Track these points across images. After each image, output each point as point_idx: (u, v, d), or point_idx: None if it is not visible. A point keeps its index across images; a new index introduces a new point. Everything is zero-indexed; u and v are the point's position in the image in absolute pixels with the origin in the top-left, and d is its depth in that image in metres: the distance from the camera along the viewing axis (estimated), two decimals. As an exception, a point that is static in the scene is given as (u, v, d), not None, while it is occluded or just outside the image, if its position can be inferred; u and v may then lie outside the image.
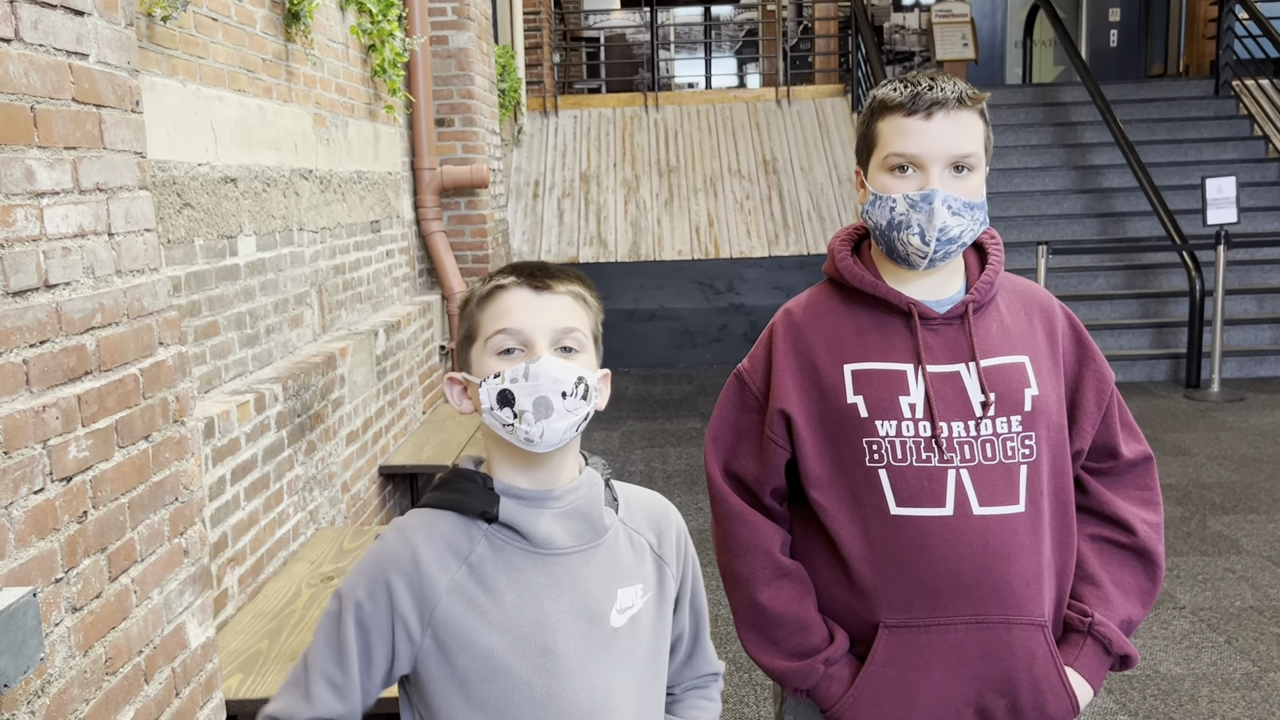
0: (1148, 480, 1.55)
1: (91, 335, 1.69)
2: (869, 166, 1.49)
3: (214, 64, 3.01)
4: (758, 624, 1.52)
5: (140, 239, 1.87)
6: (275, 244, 3.44)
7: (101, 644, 1.67)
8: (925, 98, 1.40)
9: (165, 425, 1.91)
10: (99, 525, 1.68)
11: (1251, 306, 7.64)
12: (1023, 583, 1.41)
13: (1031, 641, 1.42)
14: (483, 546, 1.20)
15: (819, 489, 1.49)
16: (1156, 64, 13.63)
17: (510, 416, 1.16)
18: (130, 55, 1.85)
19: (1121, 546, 1.52)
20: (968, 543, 1.40)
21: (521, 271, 1.22)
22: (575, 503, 1.23)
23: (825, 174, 8.83)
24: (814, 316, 1.54)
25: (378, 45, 4.56)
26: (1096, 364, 1.53)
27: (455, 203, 5.75)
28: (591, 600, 1.21)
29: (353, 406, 3.86)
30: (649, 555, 1.30)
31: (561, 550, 1.21)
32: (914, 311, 1.46)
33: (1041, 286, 1.59)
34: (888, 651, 1.44)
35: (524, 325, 1.18)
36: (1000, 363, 1.46)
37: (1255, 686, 3.16)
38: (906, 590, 1.43)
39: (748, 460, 1.55)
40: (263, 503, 2.96)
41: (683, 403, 7.13)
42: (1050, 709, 1.43)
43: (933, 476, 1.42)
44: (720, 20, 14.13)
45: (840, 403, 1.46)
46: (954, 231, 1.42)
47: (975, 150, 1.43)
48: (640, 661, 1.25)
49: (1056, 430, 1.47)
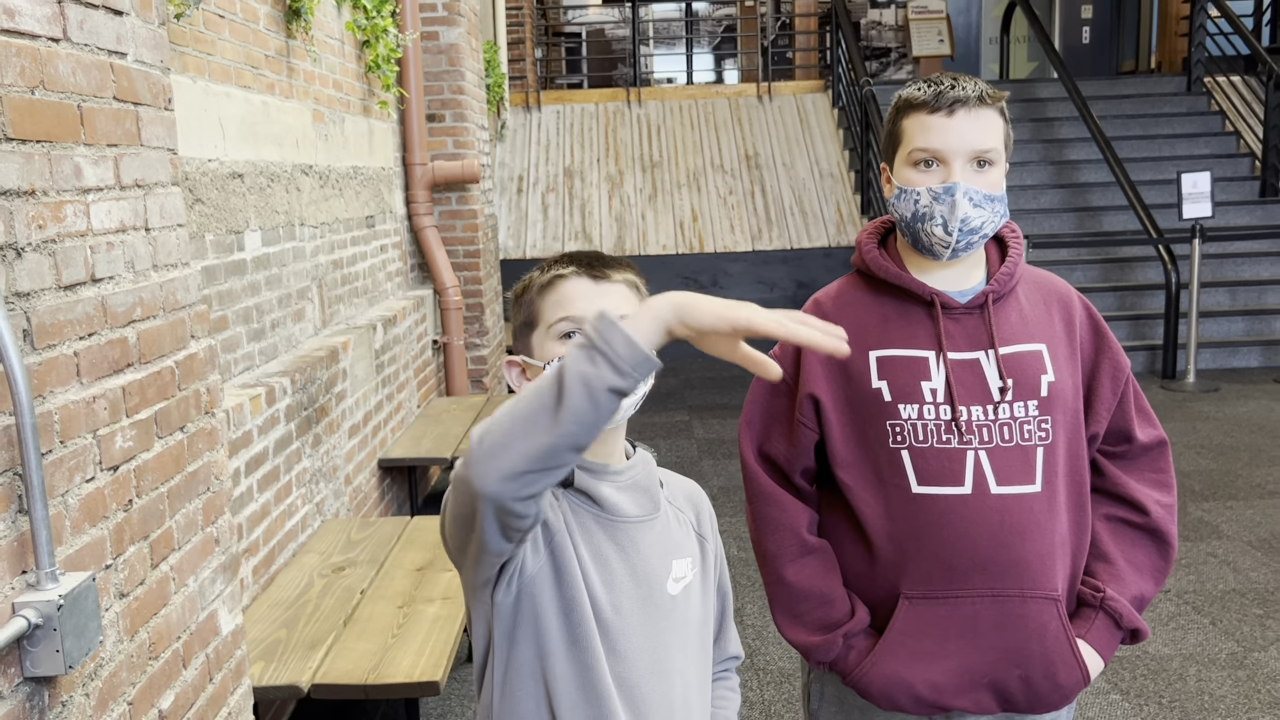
0: (1161, 464, 1.63)
1: (132, 328, 1.73)
2: (894, 162, 1.56)
3: (221, 61, 3.04)
4: (783, 599, 1.60)
5: (173, 234, 1.91)
6: (279, 239, 3.47)
7: (145, 629, 1.71)
8: (948, 96, 1.48)
9: (198, 416, 1.95)
10: (142, 514, 1.72)
11: (1225, 299, 7.81)
12: (1037, 558, 1.49)
13: (1045, 614, 1.49)
14: (565, 507, 1.28)
15: (845, 469, 1.56)
16: (1128, 60, 13.83)
17: None
18: (163, 54, 1.88)
19: (1135, 526, 1.59)
20: (985, 520, 1.48)
21: (580, 261, 1.29)
22: (635, 477, 1.31)
23: (807, 169, 8.92)
24: (842, 305, 1.62)
25: (372, 41, 4.59)
26: (1112, 352, 1.60)
27: (446, 198, 5.78)
28: (651, 568, 1.29)
29: (354, 400, 3.90)
30: (692, 532, 1.38)
31: (628, 518, 1.29)
32: (936, 301, 1.54)
33: (1060, 278, 1.67)
34: (907, 621, 1.51)
35: (584, 312, 1.25)
36: (1018, 350, 1.53)
37: (1240, 665, 3.26)
38: (926, 564, 1.50)
39: (779, 442, 1.62)
40: (274, 495, 3.00)
41: (669, 396, 7.20)
42: (1062, 679, 1.50)
43: (953, 457, 1.49)
44: (699, 16, 14.19)
45: (865, 387, 1.54)
46: (975, 222, 1.49)
47: (995, 145, 1.50)
48: (692, 631, 1.33)
49: (1072, 415, 1.54)
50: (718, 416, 6.59)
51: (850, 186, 8.74)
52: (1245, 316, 7.64)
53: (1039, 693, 1.51)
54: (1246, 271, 8.01)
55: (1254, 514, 4.56)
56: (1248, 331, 7.63)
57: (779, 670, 3.33)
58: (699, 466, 5.53)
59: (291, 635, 2.57)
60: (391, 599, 2.78)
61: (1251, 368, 7.42)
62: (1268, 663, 3.27)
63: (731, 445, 5.90)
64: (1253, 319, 7.64)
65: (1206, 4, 9.37)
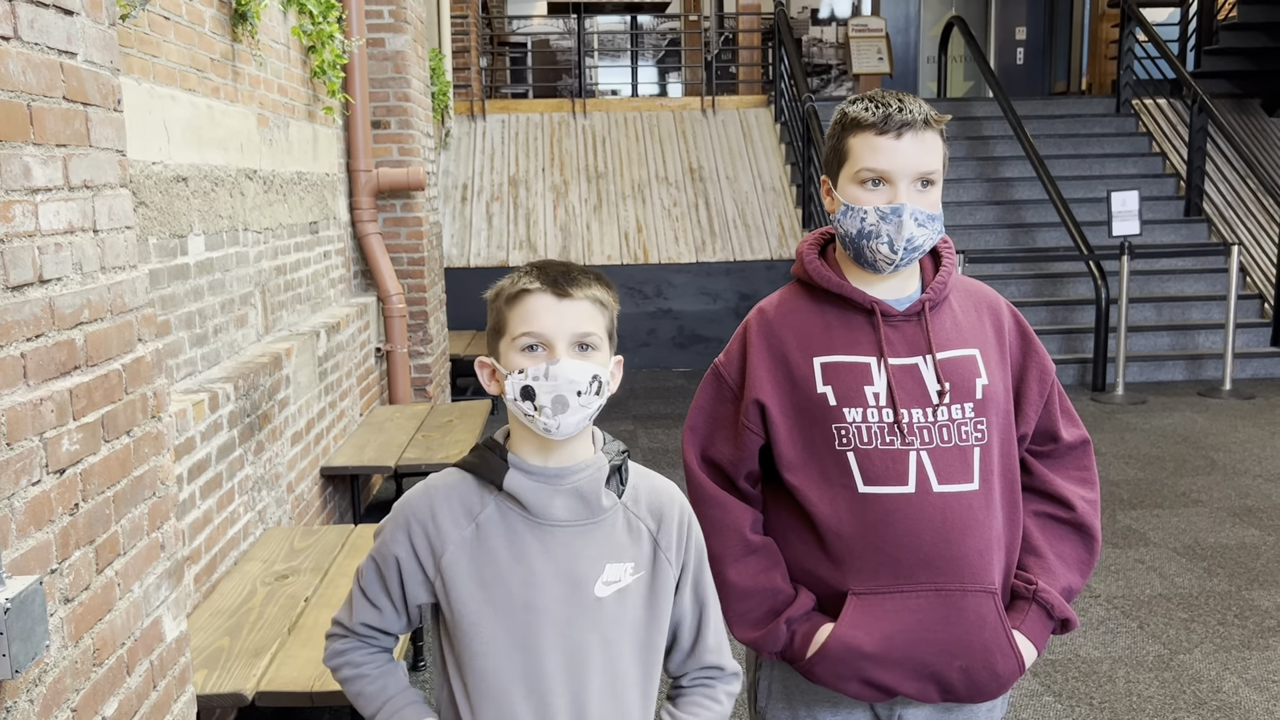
0: (1085, 462, 1.71)
1: (80, 330, 1.71)
2: (839, 178, 1.62)
3: (167, 63, 3.00)
4: (730, 598, 1.63)
5: (121, 236, 1.89)
6: (222, 243, 3.44)
7: (90, 635, 1.69)
8: (896, 119, 1.54)
9: (145, 420, 1.93)
10: (88, 518, 1.70)
11: (1151, 314, 8.06)
12: (976, 554, 1.55)
13: (983, 607, 1.55)
14: (491, 509, 1.36)
15: (792, 471, 1.61)
16: (1060, 81, 14.22)
17: (531, 409, 1.31)
18: (113, 54, 1.87)
19: (1062, 521, 1.67)
20: (928, 517, 1.54)
21: (547, 276, 1.33)
22: (578, 483, 1.36)
23: (750, 183, 9.02)
24: (785, 314, 1.67)
25: (318, 47, 4.56)
26: (1039, 356, 1.68)
27: (391, 205, 5.75)
28: (579, 569, 1.35)
29: (297, 407, 3.86)
30: (646, 539, 1.41)
31: (558, 523, 1.35)
32: (876, 309, 1.60)
33: (988, 287, 1.74)
34: (855, 616, 1.56)
35: (545, 329, 1.31)
36: (954, 355, 1.60)
37: (1166, 667, 3.38)
38: (873, 561, 1.55)
39: (723, 446, 1.67)
40: (216, 501, 2.96)
41: (613, 406, 7.21)
42: (999, 668, 1.56)
43: (896, 458, 1.55)
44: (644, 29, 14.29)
45: (811, 392, 1.59)
46: (919, 241, 1.56)
47: (937, 167, 1.58)
48: (626, 633, 1.37)
49: (1004, 416, 1.62)
50: (662, 426, 6.63)
51: (792, 200, 8.87)
52: (1170, 331, 7.89)
53: (978, 683, 1.56)
54: (1172, 288, 8.28)
55: (1179, 521, 4.72)
56: (1173, 346, 7.88)
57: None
58: (643, 475, 5.56)
59: (235, 643, 2.55)
60: (336, 607, 2.76)
61: (1176, 381, 7.67)
62: (1192, 664, 3.39)
63: (676, 454, 5.94)
64: (1178, 334, 7.90)
65: (1134, 29, 9.69)
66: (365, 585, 1.42)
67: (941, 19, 12.88)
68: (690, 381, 7.95)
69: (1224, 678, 3.30)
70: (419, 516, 1.38)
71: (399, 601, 1.41)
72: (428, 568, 1.37)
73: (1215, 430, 6.30)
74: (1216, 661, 3.40)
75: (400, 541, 1.38)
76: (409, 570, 1.38)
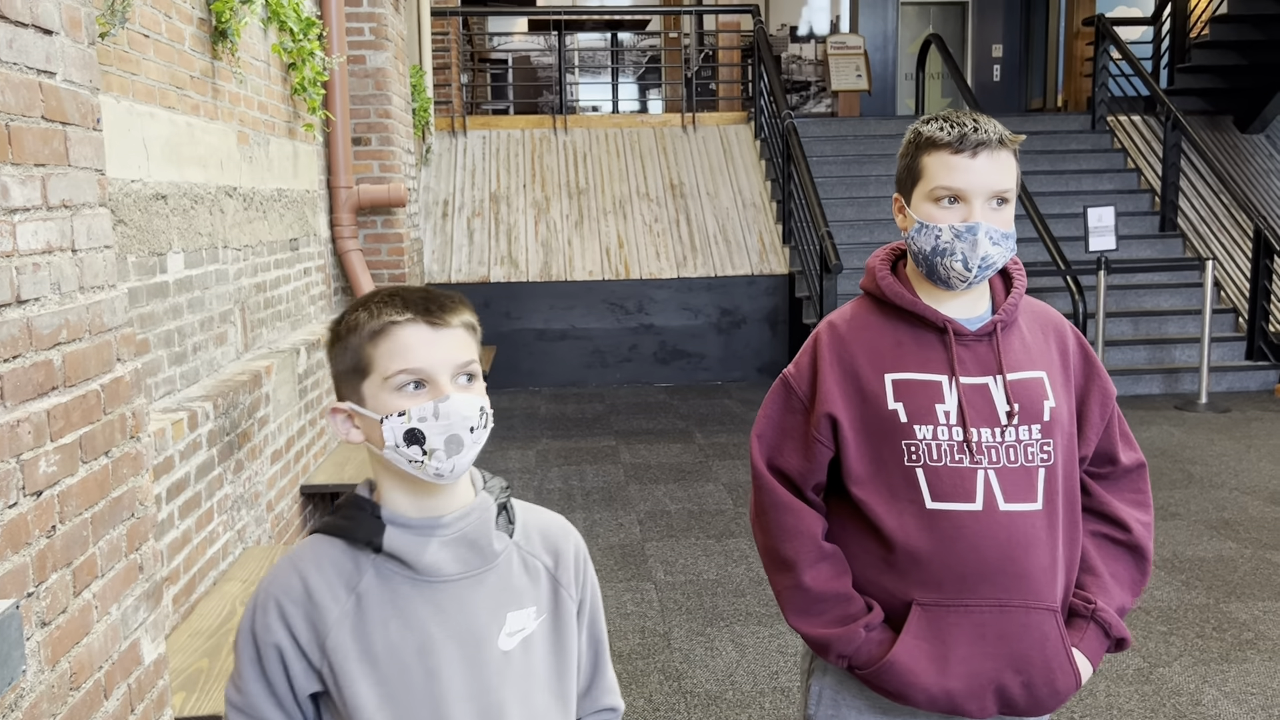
0: (1141, 485, 1.74)
1: (58, 350, 1.70)
2: (912, 196, 1.64)
3: (146, 81, 2.99)
4: (803, 601, 1.66)
5: (100, 255, 1.88)
6: (202, 261, 3.42)
7: (67, 659, 1.68)
8: (971, 138, 1.57)
9: (123, 441, 1.92)
10: (65, 540, 1.68)
11: (1128, 329, 8.13)
12: (1040, 572, 1.58)
13: (1045, 625, 1.59)
14: (370, 575, 1.22)
15: (860, 485, 1.64)
16: (1036, 98, 14.37)
17: (419, 454, 1.18)
18: (93, 74, 1.87)
19: (1118, 543, 1.70)
20: (994, 535, 1.57)
21: (414, 305, 1.20)
22: (464, 529, 1.24)
23: (730, 199, 9.06)
24: (856, 329, 1.69)
25: (298, 64, 4.56)
26: (1101, 380, 1.71)
27: (372, 221, 5.75)
28: (478, 625, 1.23)
29: (277, 425, 3.84)
30: (544, 577, 1.31)
31: (448, 578, 1.23)
32: (949, 328, 1.63)
33: (1053, 308, 1.77)
34: (919, 626, 1.59)
35: (425, 364, 1.18)
36: (1023, 377, 1.63)
37: (1146, 681, 3.40)
38: (937, 574, 1.58)
39: (791, 457, 1.69)
40: (195, 521, 2.94)
41: (595, 421, 7.22)
42: (1059, 684, 1.59)
43: (964, 476, 1.58)
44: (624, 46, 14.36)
45: (881, 409, 1.62)
46: (994, 259, 1.59)
47: (1011, 185, 1.60)
48: (538, 683, 1.27)
49: (1068, 439, 1.65)
50: (644, 442, 6.63)
51: (772, 216, 8.91)
52: (1147, 346, 7.97)
53: (1038, 698, 1.59)
54: (1148, 302, 8.36)
55: (1157, 534, 4.75)
56: (1150, 360, 7.95)
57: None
58: (625, 492, 5.56)
59: (214, 665, 2.52)
60: (317, 627, 2.74)
61: (1154, 394, 7.73)
62: (1171, 677, 3.41)
63: (658, 470, 5.94)
64: (1154, 348, 7.97)
65: (1109, 47, 9.81)
66: (245, 703, 1.22)
67: (919, 36, 13.00)
68: (673, 397, 7.96)
69: (1203, 690, 3.32)
70: (292, 596, 1.21)
71: (288, 699, 1.22)
72: (311, 655, 1.20)
73: (1192, 444, 6.36)
74: (1196, 674, 3.42)
75: (276, 630, 1.20)
76: (292, 658, 1.21)
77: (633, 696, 3.34)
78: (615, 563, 4.51)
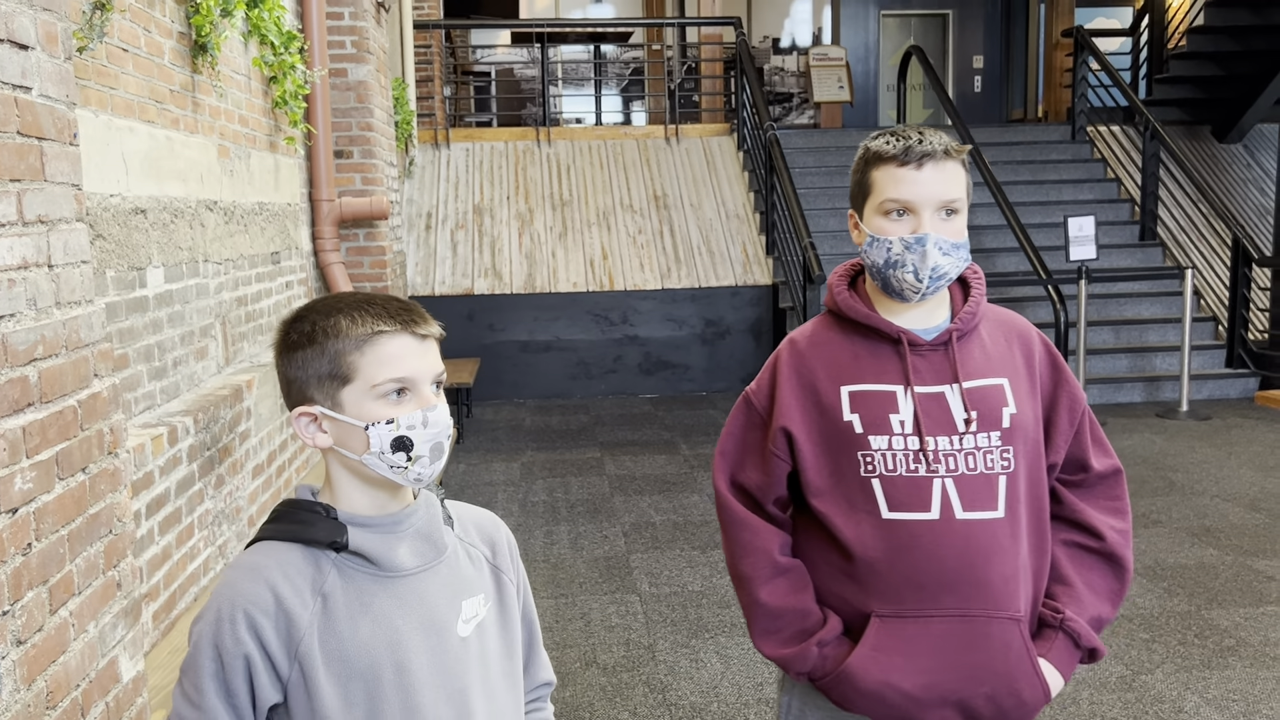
0: (1117, 491, 1.73)
1: (34, 367, 1.69)
2: (864, 210, 1.66)
3: (125, 95, 2.99)
4: (760, 618, 1.67)
5: (77, 271, 1.87)
6: (182, 275, 3.41)
7: (43, 677, 1.66)
8: (916, 150, 1.58)
9: (100, 457, 1.90)
10: (41, 558, 1.67)
11: (1109, 337, 8.18)
12: (1001, 581, 1.57)
13: (1008, 634, 1.58)
14: (334, 576, 1.24)
15: (819, 497, 1.64)
16: (1017, 109, 14.48)
17: (404, 460, 1.22)
18: (69, 89, 1.86)
19: (1091, 551, 1.69)
20: (951, 544, 1.56)
21: (397, 316, 1.24)
22: (417, 525, 1.29)
23: (714, 210, 9.08)
24: (815, 345, 1.71)
25: (279, 77, 4.55)
26: (1069, 386, 1.71)
27: (354, 234, 5.74)
28: (439, 615, 1.28)
29: (258, 439, 3.82)
30: (486, 566, 1.38)
31: (408, 571, 1.27)
32: (903, 339, 1.63)
33: (1020, 316, 1.78)
34: (878, 638, 1.59)
35: (413, 373, 1.22)
36: (981, 384, 1.63)
37: (1129, 688, 3.41)
38: (896, 585, 1.58)
39: (752, 472, 1.70)
40: (175, 537, 2.92)
41: (580, 433, 7.21)
42: (1025, 696, 1.58)
43: (920, 485, 1.58)
44: (607, 58, 14.40)
45: (838, 420, 1.62)
46: (944, 269, 1.60)
47: (960, 195, 1.61)
48: (493, 667, 1.33)
49: (1033, 445, 1.64)
50: (629, 453, 6.62)
51: (755, 227, 8.94)
52: (1128, 354, 8.02)
53: (1003, 709, 1.58)
54: (1129, 311, 8.42)
55: (1139, 543, 4.78)
56: (1131, 368, 8.00)
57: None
58: (610, 503, 5.55)
59: (194, 682, 2.50)
60: (298, 642, 2.72)
61: (1135, 403, 7.78)
62: (1154, 685, 3.42)
63: (642, 482, 5.94)
64: (1135, 356, 8.02)
65: (1088, 58, 9.89)
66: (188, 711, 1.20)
67: (900, 48, 13.09)
68: (657, 408, 7.96)
69: (1185, 697, 3.33)
70: (262, 607, 1.19)
71: (247, 714, 1.20)
72: (280, 664, 1.20)
73: (1173, 451, 6.40)
74: (1178, 681, 3.44)
75: (246, 641, 1.18)
76: (260, 670, 1.19)
77: (617, 709, 3.33)
78: (600, 575, 4.50)
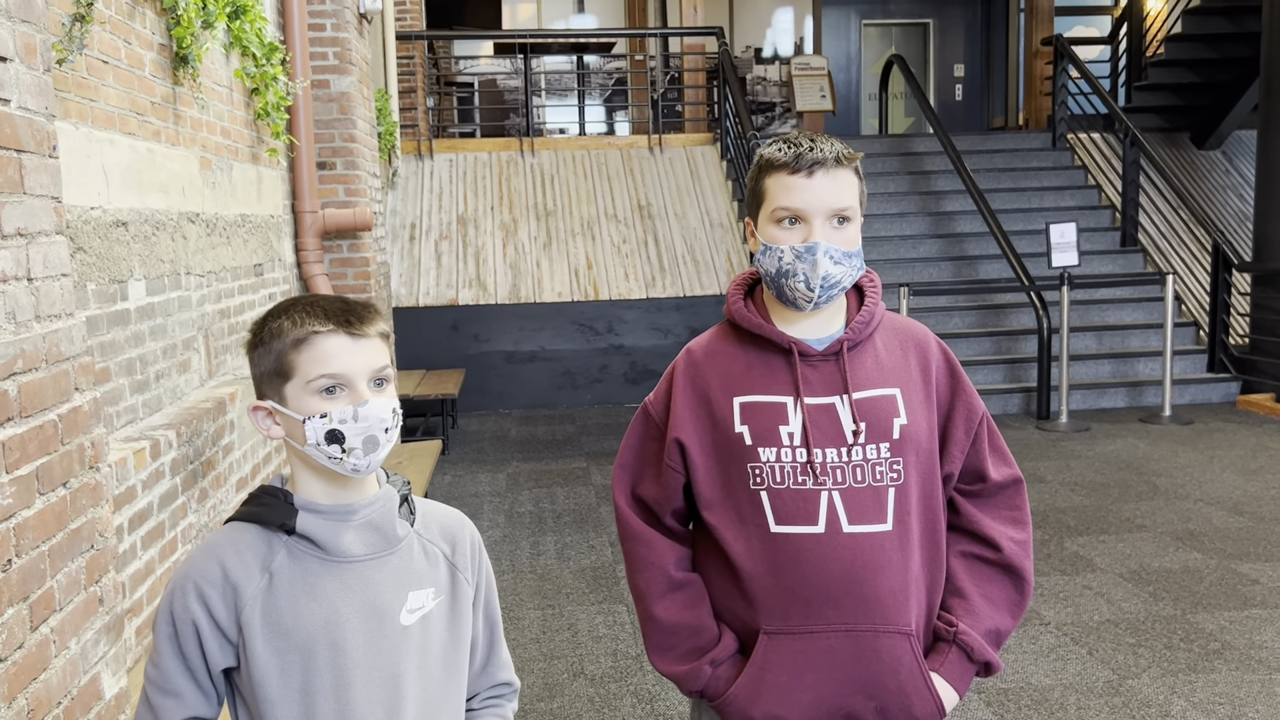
0: (1016, 501, 1.70)
1: (13, 381, 1.67)
2: (758, 219, 1.64)
3: (105, 107, 2.97)
4: (654, 634, 1.65)
5: (57, 284, 1.86)
6: (164, 288, 3.38)
7: (24, 695, 1.64)
8: (807, 158, 1.56)
9: (82, 471, 1.89)
10: (22, 574, 1.65)
11: (1092, 343, 8.23)
12: (889, 594, 1.55)
13: (898, 649, 1.56)
14: (283, 555, 1.34)
15: (710, 510, 1.63)
16: (998, 117, 14.58)
17: (339, 452, 1.30)
18: (48, 101, 1.85)
19: (989, 562, 1.67)
20: (837, 558, 1.54)
21: (335, 317, 1.32)
22: (370, 516, 1.37)
23: (698, 219, 9.10)
24: (711, 355, 1.69)
25: (261, 89, 4.54)
26: (967, 395, 1.69)
27: (337, 245, 5.72)
28: (381, 601, 1.35)
29: (242, 453, 3.80)
30: (443, 563, 1.44)
31: (354, 558, 1.35)
32: (794, 349, 1.62)
33: (920, 325, 1.76)
34: (766, 655, 1.57)
35: (345, 370, 1.31)
36: (872, 395, 1.61)
37: (1116, 693, 3.42)
38: (784, 600, 1.56)
39: (650, 485, 1.69)
40: (158, 551, 2.90)
41: (566, 443, 7.19)
42: (917, 711, 1.56)
43: (807, 498, 1.56)
44: (590, 69, 14.42)
45: (729, 432, 1.61)
46: (836, 278, 1.58)
47: (852, 204, 1.60)
48: (434, 657, 1.39)
49: (926, 456, 1.62)
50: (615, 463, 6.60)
51: (739, 236, 8.95)
52: (1111, 359, 8.06)
53: None
54: (1111, 317, 8.47)
55: (1124, 547, 4.80)
56: (1114, 374, 8.05)
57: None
58: (597, 513, 5.54)
59: (177, 698, 2.48)
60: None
61: (1119, 408, 7.82)
62: (1141, 689, 3.43)
63: (628, 491, 5.92)
64: (1118, 361, 8.07)
65: (1067, 66, 9.97)
66: (161, 678, 1.32)
67: (882, 57, 13.16)
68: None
69: (1172, 701, 3.34)
70: (210, 580, 1.31)
71: (202, 674, 1.33)
72: (229, 630, 1.31)
73: (1157, 456, 6.43)
74: (1164, 685, 3.45)
75: (195, 609, 1.30)
76: (208, 635, 1.31)
77: (605, 720, 3.31)
78: (587, 585, 4.49)
